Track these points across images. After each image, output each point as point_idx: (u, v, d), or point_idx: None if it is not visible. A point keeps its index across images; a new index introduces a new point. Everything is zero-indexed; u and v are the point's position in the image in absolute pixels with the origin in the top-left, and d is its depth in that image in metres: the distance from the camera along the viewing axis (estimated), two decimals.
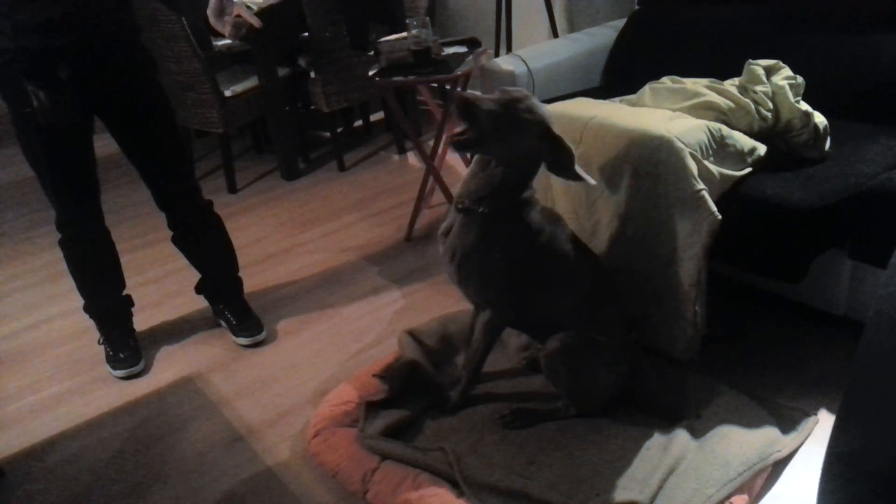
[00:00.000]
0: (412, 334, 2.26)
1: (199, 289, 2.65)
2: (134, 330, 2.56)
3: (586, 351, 1.82)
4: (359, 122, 4.78)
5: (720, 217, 1.86)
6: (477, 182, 1.77)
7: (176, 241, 2.51)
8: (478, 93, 1.75)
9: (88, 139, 2.20)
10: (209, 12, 1.95)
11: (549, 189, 2.21)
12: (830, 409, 1.87)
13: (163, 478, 1.96)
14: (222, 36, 2.06)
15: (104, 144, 2.33)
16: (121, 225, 3.56)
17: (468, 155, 1.92)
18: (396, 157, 4.24)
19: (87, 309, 2.48)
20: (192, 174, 2.44)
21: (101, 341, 2.51)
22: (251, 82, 3.80)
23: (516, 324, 1.96)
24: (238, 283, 2.63)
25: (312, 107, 4.17)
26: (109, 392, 2.36)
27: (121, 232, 3.49)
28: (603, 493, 1.66)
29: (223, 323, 2.60)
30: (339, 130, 4.13)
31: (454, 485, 1.73)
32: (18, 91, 1.99)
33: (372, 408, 1.98)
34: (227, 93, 3.69)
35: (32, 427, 2.24)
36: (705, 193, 1.87)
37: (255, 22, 1.97)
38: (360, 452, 1.85)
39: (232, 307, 2.58)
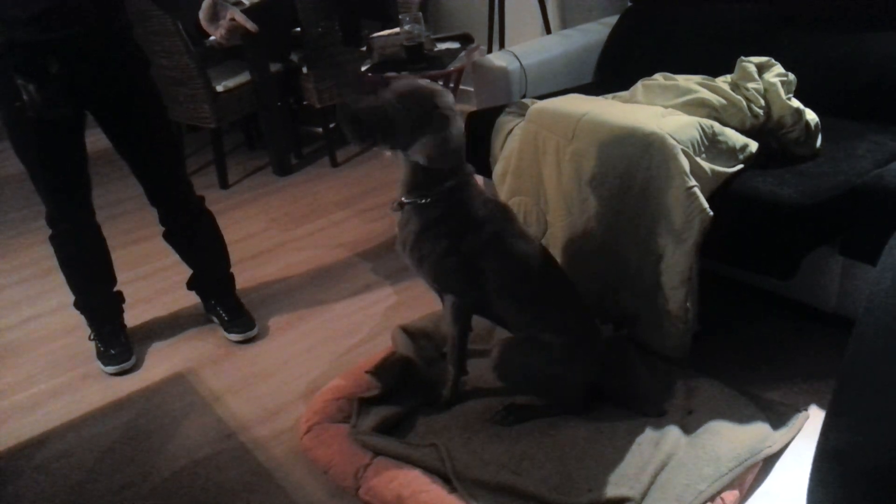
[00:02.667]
0: (405, 330, 2.26)
1: (191, 285, 2.64)
2: (125, 326, 2.55)
3: (529, 352, 1.83)
4: None
5: (712, 214, 1.86)
6: (404, 176, 1.81)
7: (167, 237, 2.50)
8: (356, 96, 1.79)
9: (80, 134, 2.19)
10: (202, 16, 1.92)
11: (540, 185, 2.21)
12: (820, 405, 1.88)
13: (154, 474, 1.96)
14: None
15: (95, 139, 2.32)
16: (112, 220, 3.54)
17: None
18: (389, 153, 4.23)
19: (77, 305, 2.47)
20: (183, 170, 2.43)
21: (92, 337, 2.50)
22: (243, 77, 3.79)
23: (478, 309, 1.94)
24: (230, 279, 2.62)
25: (304, 102, 4.15)
26: (100, 388, 2.35)
27: (112, 227, 3.46)
28: (594, 488, 1.66)
29: (215, 319, 2.59)
30: (331, 126, 4.12)
31: (446, 481, 1.73)
32: (8, 85, 1.98)
33: (364, 404, 1.98)
34: (219, 88, 3.68)
35: (23, 423, 2.23)
36: (697, 190, 1.87)
37: (251, 26, 1.94)
38: (352, 448, 1.85)
39: (224, 303, 2.57)
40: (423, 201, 1.77)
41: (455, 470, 1.74)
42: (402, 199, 1.80)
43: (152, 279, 3.01)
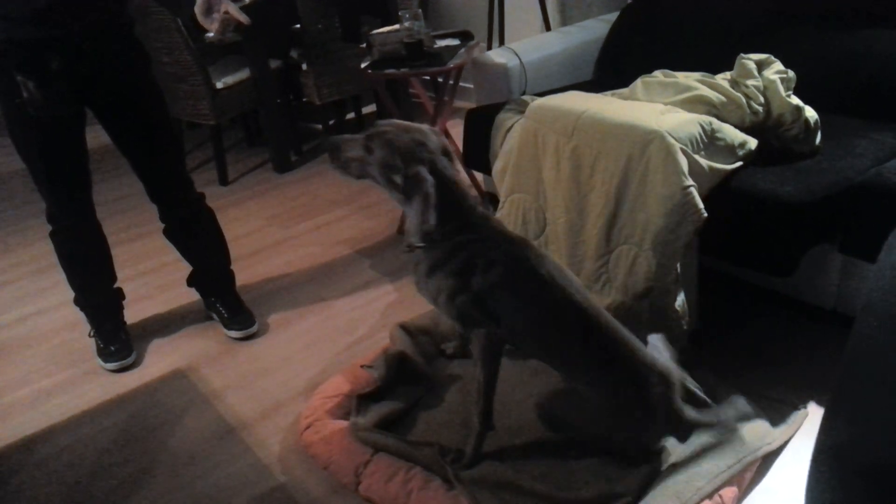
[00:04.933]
0: (404, 328, 2.26)
1: (191, 281, 2.64)
2: (125, 322, 2.55)
3: (567, 405, 1.80)
4: (351, 115, 4.76)
5: (706, 215, 1.86)
6: (408, 220, 1.75)
7: (168, 233, 2.50)
8: (347, 136, 1.72)
9: (80, 131, 2.19)
10: (197, 9, 1.94)
11: (539, 183, 2.21)
12: (819, 403, 1.89)
13: (154, 471, 1.96)
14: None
15: (95, 136, 2.32)
16: (112, 217, 3.54)
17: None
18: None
19: (77, 302, 2.48)
20: (184, 167, 2.42)
21: (92, 334, 2.50)
22: (243, 74, 3.79)
23: (519, 351, 1.85)
24: (230, 276, 2.62)
25: (304, 99, 4.15)
26: (100, 385, 2.35)
27: (112, 224, 3.47)
28: (593, 484, 1.67)
29: (215, 316, 2.59)
30: (331, 123, 4.12)
31: (446, 479, 1.73)
32: (8, 83, 1.98)
33: (363, 400, 1.98)
34: (219, 84, 3.68)
35: (24, 420, 2.23)
36: (693, 190, 1.87)
37: (244, 19, 1.95)
38: (352, 445, 1.86)
39: (224, 300, 2.57)
40: (425, 244, 1.71)
41: (454, 469, 1.74)
42: (411, 240, 1.75)
43: (152, 276, 3.01)
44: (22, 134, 2.11)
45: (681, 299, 1.93)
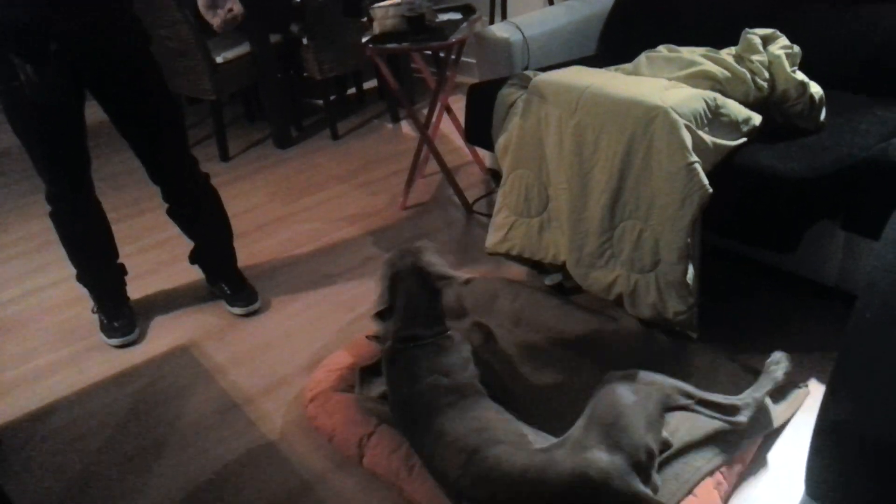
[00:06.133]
0: None
1: (194, 259, 2.64)
2: (128, 299, 2.56)
3: None
4: (352, 90, 4.73)
5: (711, 191, 1.86)
6: None
7: (172, 213, 2.48)
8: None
9: (79, 112, 2.16)
10: (200, 3, 1.93)
11: (542, 159, 2.20)
12: (821, 380, 1.90)
13: (158, 446, 1.98)
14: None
15: (92, 112, 2.30)
16: (115, 192, 3.54)
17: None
18: (390, 125, 4.21)
19: (80, 279, 2.48)
20: (187, 147, 2.38)
21: (95, 310, 2.51)
22: (243, 49, 3.76)
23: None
24: (233, 254, 2.62)
25: (305, 74, 4.12)
26: (104, 361, 2.37)
27: (115, 199, 3.47)
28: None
29: (218, 293, 2.60)
30: (331, 98, 4.09)
31: None
32: (5, 66, 1.94)
33: (366, 373, 1.99)
34: (219, 59, 3.65)
35: (28, 395, 2.24)
36: (698, 166, 1.87)
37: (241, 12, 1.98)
38: (356, 416, 1.87)
39: (227, 278, 2.58)
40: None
41: None
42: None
43: (155, 251, 3.01)
44: (20, 116, 2.08)
45: (691, 272, 1.93)
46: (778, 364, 1.80)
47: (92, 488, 1.87)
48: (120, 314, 2.47)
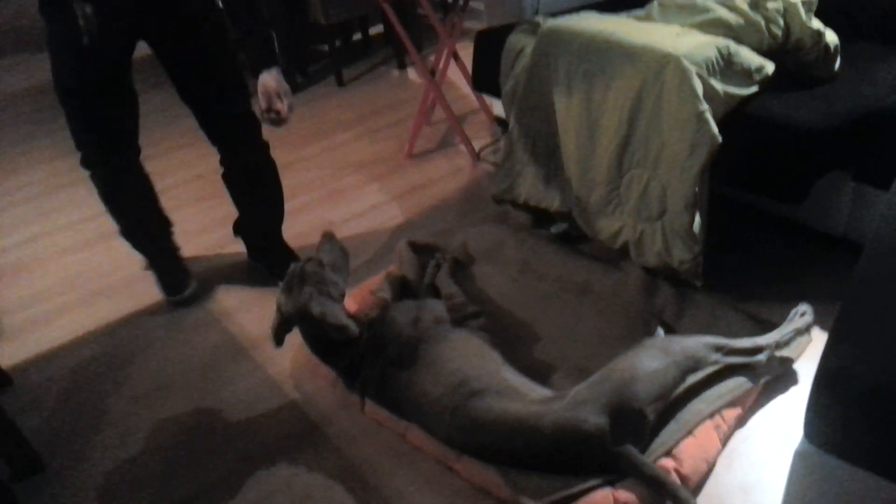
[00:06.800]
0: (412, 245, 2.28)
1: (238, 230, 2.48)
2: (177, 252, 2.42)
3: None
4: (358, 36, 4.67)
5: (720, 140, 1.84)
6: None
7: (227, 179, 2.31)
8: None
9: (127, 68, 2.02)
10: (261, 99, 2.01)
11: (550, 106, 2.18)
12: (823, 328, 1.90)
13: (166, 388, 2.01)
14: None
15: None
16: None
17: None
18: (396, 72, 4.16)
19: (122, 235, 2.31)
20: (249, 104, 2.16)
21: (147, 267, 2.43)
22: None
23: None
24: (280, 232, 2.47)
25: (310, 20, 4.06)
26: (112, 304, 2.39)
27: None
28: None
29: (261, 266, 2.45)
30: (337, 44, 4.04)
31: None
32: (63, 12, 1.83)
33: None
34: (221, 4, 3.58)
35: (37, 337, 2.27)
36: (708, 115, 1.84)
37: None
38: None
39: (273, 254, 2.42)
40: None
41: None
42: None
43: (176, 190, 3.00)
44: (65, 65, 1.93)
45: (698, 222, 1.92)
46: (803, 316, 1.83)
47: (102, 427, 1.90)
48: (170, 273, 2.37)
